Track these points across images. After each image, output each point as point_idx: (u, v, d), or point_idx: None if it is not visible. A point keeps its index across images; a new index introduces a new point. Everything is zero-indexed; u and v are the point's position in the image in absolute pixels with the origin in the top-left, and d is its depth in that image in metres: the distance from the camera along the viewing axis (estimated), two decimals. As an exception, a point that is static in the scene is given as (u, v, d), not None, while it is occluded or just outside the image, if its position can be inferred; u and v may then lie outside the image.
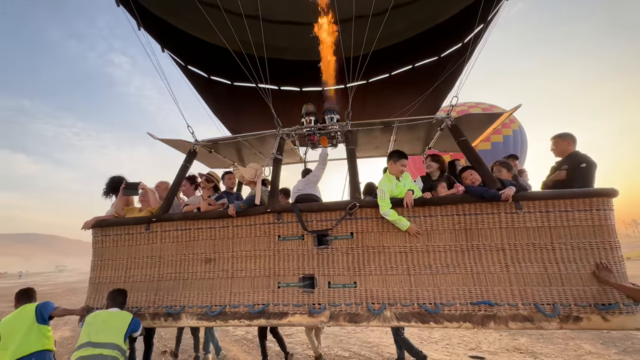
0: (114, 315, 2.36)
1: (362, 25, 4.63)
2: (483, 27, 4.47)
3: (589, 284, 2.27)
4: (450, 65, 4.46)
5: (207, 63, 4.74)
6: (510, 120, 13.74)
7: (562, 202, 2.40)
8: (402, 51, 5.17)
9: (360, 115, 5.33)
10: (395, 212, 2.41)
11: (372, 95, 5.11)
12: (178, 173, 3.12)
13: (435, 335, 4.85)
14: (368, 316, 2.41)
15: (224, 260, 2.76)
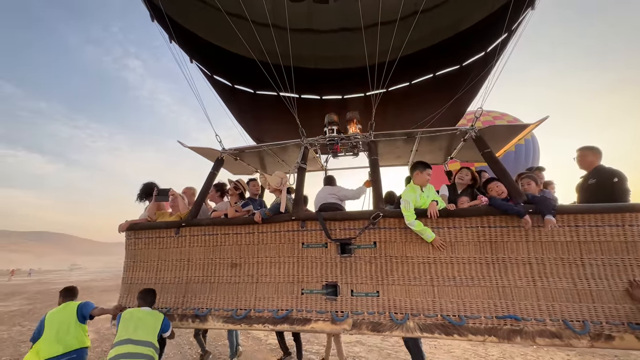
0: (148, 314, 2.52)
1: (385, 32, 4.75)
2: (507, 36, 4.47)
3: (621, 301, 2.23)
4: (474, 75, 4.47)
5: (231, 72, 4.99)
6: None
7: (593, 216, 2.38)
8: (424, 59, 5.25)
9: (381, 124, 5.42)
10: (420, 223, 2.46)
11: (393, 103, 5.19)
12: (206, 180, 3.28)
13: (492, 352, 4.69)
14: (391, 326, 2.45)
15: (250, 265, 2.87)
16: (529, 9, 3.96)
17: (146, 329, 2.38)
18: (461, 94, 5.02)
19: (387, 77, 5.85)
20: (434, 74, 5.51)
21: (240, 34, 4.23)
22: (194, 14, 4.18)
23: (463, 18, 4.23)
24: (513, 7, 3.50)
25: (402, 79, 5.39)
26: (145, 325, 2.40)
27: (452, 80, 5.07)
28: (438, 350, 4.70)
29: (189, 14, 4.24)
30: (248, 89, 5.59)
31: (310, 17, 4.50)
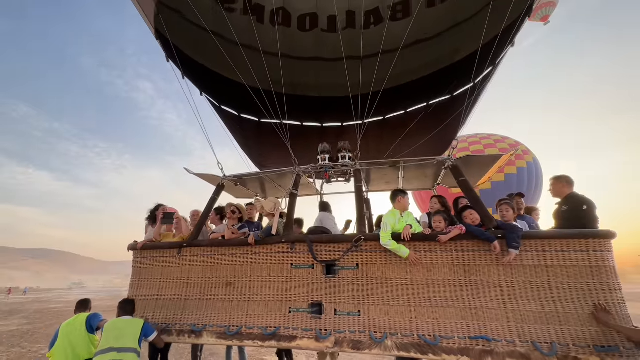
0: (128, 322, 2.78)
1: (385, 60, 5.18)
2: (492, 69, 4.84)
3: (587, 324, 2.37)
4: (461, 104, 4.78)
5: (238, 102, 5.44)
6: (523, 152, 13.56)
7: (559, 241, 2.57)
8: (416, 90, 5.65)
9: (375, 150, 5.80)
10: (395, 242, 2.70)
11: (386, 131, 5.56)
12: (207, 204, 3.64)
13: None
14: (370, 344, 2.63)
15: (243, 284, 3.13)
16: (509, 45, 4.33)
17: (127, 336, 2.62)
18: (450, 121, 5.33)
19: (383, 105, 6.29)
20: (428, 103, 5.88)
21: (250, 64, 4.73)
22: (204, 45, 4.61)
23: (456, 50, 4.60)
24: (498, 44, 3.89)
25: (396, 107, 5.78)
26: (126, 334, 2.64)
27: (443, 109, 5.41)
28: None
29: (199, 45, 4.71)
30: (253, 118, 6.04)
31: (318, 46, 4.97)
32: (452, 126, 5.31)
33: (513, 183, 13.52)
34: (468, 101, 4.92)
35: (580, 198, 2.96)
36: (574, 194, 3.05)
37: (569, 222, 2.89)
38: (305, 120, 6.44)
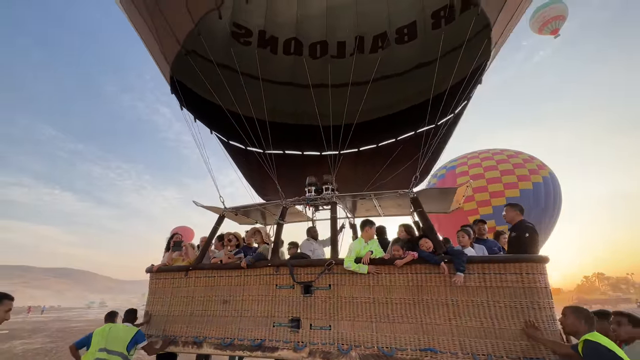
0: (124, 329, 3.42)
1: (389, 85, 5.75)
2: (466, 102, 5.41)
3: (519, 338, 2.77)
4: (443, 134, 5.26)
5: (244, 136, 5.90)
6: (538, 167, 13.45)
7: (497, 265, 3.02)
8: (393, 122, 6.25)
9: (355, 179, 6.37)
10: (354, 264, 3.26)
11: (363, 162, 6.14)
12: (210, 233, 4.36)
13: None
14: (338, 355, 3.14)
15: (236, 302, 3.76)
16: (478, 84, 4.92)
17: (118, 341, 3.25)
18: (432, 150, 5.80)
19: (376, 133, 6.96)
20: (415, 132, 6.45)
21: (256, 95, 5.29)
22: (216, 82, 5.08)
23: (442, 80, 4.97)
24: (468, 82, 4.48)
25: (372, 140, 6.37)
26: (117, 339, 3.27)
27: (418, 141, 5.89)
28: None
29: (211, 83, 5.17)
30: (258, 150, 6.77)
31: (326, 72, 5.45)
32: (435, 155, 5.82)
33: (529, 197, 13.35)
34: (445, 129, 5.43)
35: (524, 226, 3.39)
36: (521, 222, 3.47)
37: (514, 248, 3.32)
38: (306, 150, 7.16)
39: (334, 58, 5.68)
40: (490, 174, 13.13)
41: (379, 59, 5.53)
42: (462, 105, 5.53)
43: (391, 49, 5.50)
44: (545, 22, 20.91)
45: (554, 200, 13.18)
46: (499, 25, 4.47)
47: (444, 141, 5.42)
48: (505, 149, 14.87)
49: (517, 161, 13.66)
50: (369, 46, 5.56)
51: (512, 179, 12.81)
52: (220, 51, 5.07)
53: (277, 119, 6.39)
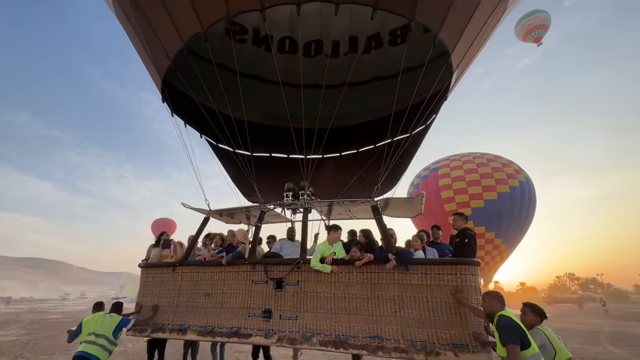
0: (110, 318, 4.05)
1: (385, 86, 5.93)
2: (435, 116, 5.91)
3: (450, 329, 3.37)
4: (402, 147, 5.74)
5: (234, 138, 6.20)
6: (515, 171, 14.25)
7: (436, 267, 3.59)
8: (372, 129, 6.64)
9: (335, 183, 6.85)
10: (320, 264, 3.87)
11: (344, 166, 6.62)
12: (196, 233, 4.87)
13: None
14: (302, 341, 3.70)
15: (217, 294, 4.30)
16: (443, 100, 5.42)
17: (105, 327, 3.88)
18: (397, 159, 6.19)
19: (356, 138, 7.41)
20: (392, 139, 6.92)
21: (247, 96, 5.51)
22: (203, 82, 5.14)
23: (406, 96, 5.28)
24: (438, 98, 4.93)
25: (367, 142, 6.77)
26: (105, 325, 3.90)
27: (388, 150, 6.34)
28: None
29: (196, 85, 5.32)
30: (246, 152, 7.13)
31: (322, 72, 5.53)
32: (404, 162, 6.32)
33: (506, 200, 14.20)
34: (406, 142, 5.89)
35: (466, 233, 3.96)
36: (464, 229, 4.05)
37: (457, 251, 3.89)
38: (291, 153, 7.58)
39: (328, 57, 5.70)
40: (470, 177, 13.99)
41: (373, 60, 5.78)
42: (431, 119, 6.03)
43: (384, 50, 5.66)
44: (529, 30, 21.56)
45: (528, 203, 14.09)
46: (459, 51, 4.94)
47: (411, 152, 5.91)
48: (486, 153, 15.71)
49: (496, 165, 14.57)
50: (362, 46, 5.65)
51: (490, 182, 13.66)
52: (215, 49, 5.10)
53: (263, 120, 6.74)
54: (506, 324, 2.56)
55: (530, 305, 3.19)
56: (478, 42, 5.35)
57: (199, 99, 5.89)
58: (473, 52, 5.44)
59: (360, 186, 6.23)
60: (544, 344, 2.83)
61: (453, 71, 5.20)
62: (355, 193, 6.68)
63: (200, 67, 5.24)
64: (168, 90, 5.66)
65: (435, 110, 5.87)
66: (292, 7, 4.94)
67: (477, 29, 4.94)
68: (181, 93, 5.85)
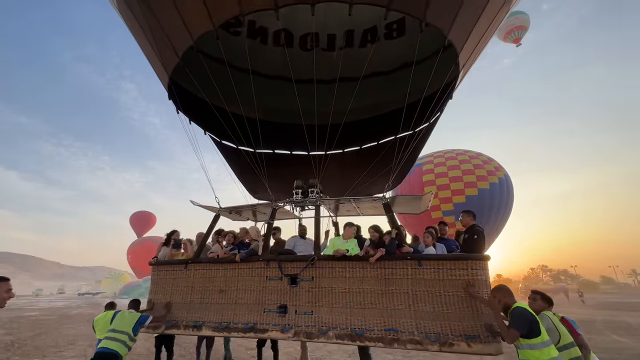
0: (129, 314, 4.13)
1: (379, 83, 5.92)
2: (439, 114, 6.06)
3: (462, 321, 3.55)
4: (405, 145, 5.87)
5: (236, 135, 6.17)
6: (495, 168, 14.90)
7: (448, 262, 3.75)
8: (376, 126, 6.72)
9: (340, 180, 6.94)
10: (331, 250, 4.09)
11: (348, 163, 6.71)
12: (207, 231, 4.91)
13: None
14: (318, 335, 3.83)
15: (232, 291, 4.37)
16: (449, 99, 5.56)
17: (125, 323, 3.96)
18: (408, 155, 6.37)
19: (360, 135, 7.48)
20: (395, 136, 7.03)
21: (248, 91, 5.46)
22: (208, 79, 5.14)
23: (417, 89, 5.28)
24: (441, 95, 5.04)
25: (372, 138, 6.84)
26: (125, 321, 3.99)
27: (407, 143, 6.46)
28: None
29: (203, 81, 5.27)
30: (249, 149, 7.10)
31: (317, 66, 5.48)
32: (408, 162, 6.48)
33: (486, 196, 14.78)
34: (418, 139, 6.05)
35: (475, 229, 4.15)
36: (473, 226, 4.23)
37: (466, 247, 4.07)
38: (295, 149, 7.61)
39: (325, 51, 5.67)
40: (453, 173, 14.72)
41: (370, 54, 5.71)
42: (435, 117, 6.18)
43: (380, 44, 5.58)
44: (510, 30, 22.19)
45: (506, 199, 14.92)
46: (467, 50, 5.10)
47: (418, 148, 6.06)
48: (468, 150, 16.43)
49: (477, 162, 15.42)
50: (358, 40, 5.61)
51: (472, 179, 14.36)
52: (211, 44, 4.94)
53: (268, 117, 6.76)
54: (520, 314, 2.77)
55: (540, 293, 3.48)
56: (483, 41, 5.53)
57: (203, 96, 5.90)
58: (478, 51, 5.61)
59: (368, 183, 6.37)
60: (550, 328, 3.06)
61: (459, 70, 5.36)
62: (362, 190, 6.82)
63: (209, 65, 5.25)
64: (174, 88, 5.65)
65: (441, 109, 6.03)
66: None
67: (484, 28, 5.10)
68: (186, 90, 5.84)
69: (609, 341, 9.50)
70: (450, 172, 15.25)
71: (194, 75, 5.27)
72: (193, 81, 5.41)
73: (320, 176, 5.30)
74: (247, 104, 5.74)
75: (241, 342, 8.32)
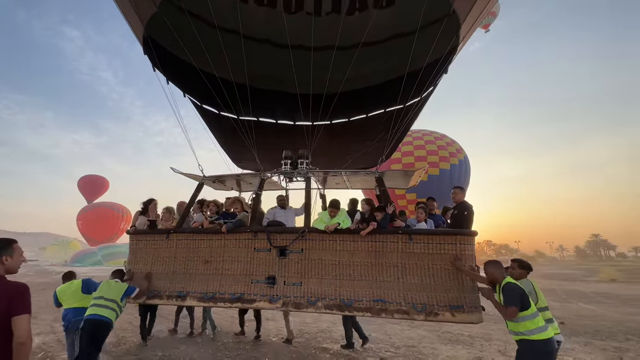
0: (117, 284, 4.07)
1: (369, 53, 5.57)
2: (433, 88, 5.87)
3: (447, 292, 3.65)
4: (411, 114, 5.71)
5: (217, 99, 5.84)
6: (457, 150, 15.67)
7: (438, 237, 3.79)
8: (365, 97, 6.46)
9: (329, 152, 6.75)
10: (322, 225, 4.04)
11: (337, 134, 6.51)
12: (190, 199, 4.68)
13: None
14: (307, 305, 3.85)
15: (217, 262, 4.26)
16: (444, 73, 5.36)
17: (114, 292, 3.92)
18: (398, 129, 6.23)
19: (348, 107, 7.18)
20: (385, 110, 6.81)
21: (233, 54, 5.03)
22: (189, 37, 4.82)
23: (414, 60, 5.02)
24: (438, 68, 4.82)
25: (345, 113, 6.62)
26: (113, 290, 3.93)
27: (397, 116, 6.27)
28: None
29: (184, 39, 4.91)
30: (232, 115, 6.69)
31: (303, 31, 5.16)
32: (400, 136, 6.35)
33: (447, 176, 15.48)
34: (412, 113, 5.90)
35: (465, 206, 4.18)
36: (463, 202, 4.26)
37: (455, 223, 4.12)
38: (280, 118, 7.25)
39: (310, 15, 5.13)
40: (418, 153, 15.42)
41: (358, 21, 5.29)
42: (428, 91, 5.99)
43: (368, 12, 5.07)
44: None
45: (464, 180, 15.99)
46: (468, 22, 4.86)
47: (409, 123, 5.93)
48: (434, 131, 16.98)
49: (442, 143, 16.29)
50: (345, 6, 5.06)
51: (435, 159, 15.26)
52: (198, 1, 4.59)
53: (252, 82, 6.30)
54: (512, 289, 2.85)
55: (517, 261, 3.61)
56: (483, 15, 5.27)
57: (183, 55, 5.36)
58: (477, 25, 5.38)
59: (355, 156, 6.24)
60: (530, 292, 3.23)
61: (459, 42, 5.14)
62: (350, 164, 6.68)
63: (188, 21, 4.70)
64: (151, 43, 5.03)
65: (434, 83, 5.84)
66: None
67: (484, 3, 4.85)
68: (163, 48, 5.26)
69: (580, 309, 10.10)
70: (416, 151, 15.91)
71: (173, 29, 4.70)
72: (172, 37, 4.86)
73: (312, 147, 5.09)
74: (230, 67, 5.26)
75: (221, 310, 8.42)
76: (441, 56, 5.21)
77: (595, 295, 13.89)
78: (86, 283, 4.10)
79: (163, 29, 4.84)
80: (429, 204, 4.83)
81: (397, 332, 6.39)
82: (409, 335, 6.24)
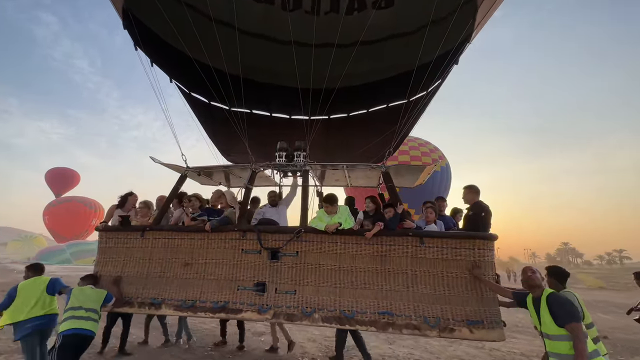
0: (93, 290, 3.54)
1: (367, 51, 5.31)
2: (441, 82, 5.42)
3: (465, 305, 3.17)
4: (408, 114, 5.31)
5: (208, 89, 5.43)
6: (440, 158, 15.67)
7: (453, 241, 3.31)
8: (367, 93, 6.08)
9: (325, 147, 6.27)
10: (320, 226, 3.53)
11: (334, 130, 6.05)
12: (170, 193, 4.12)
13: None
14: (301, 317, 3.32)
15: (199, 264, 3.70)
16: (454, 64, 4.92)
17: (93, 300, 3.45)
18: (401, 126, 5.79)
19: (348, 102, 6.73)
20: (387, 105, 6.37)
21: (227, 47, 4.72)
22: (178, 23, 4.58)
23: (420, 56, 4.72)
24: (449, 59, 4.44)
25: (344, 108, 6.22)
26: (93, 298, 3.46)
27: (387, 115, 5.89)
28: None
29: (173, 23, 4.60)
30: (223, 106, 6.20)
31: (301, 29, 5.02)
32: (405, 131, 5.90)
33: (428, 184, 15.36)
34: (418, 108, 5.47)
35: (482, 206, 3.72)
36: (478, 202, 3.80)
37: (471, 225, 3.65)
38: (275, 111, 6.77)
39: (308, 13, 5.07)
40: (402, 158, 15.28)
41: (356, 21, 5.15)
42: (436, 84, 5.55)
43: (367, 12, 5.01)
44: None
45: (445, 187, 16.03)
46: (485, 6, 4.44)
47: (416, 118, 5.48)
48: (418, 138, 16.88)
49: (425, 150, 16.26)
50: (344, 6, 5.03)
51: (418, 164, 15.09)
52: None
53: (247, 74, 5.87)
54: (566, 301, 2.37)
55: (550, 269, 3.11)
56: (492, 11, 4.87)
57: (165, 38, 4.89)
58: (494, 8, 4.97)
59: (358, 152, 5.75)
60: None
61: (474, 28, 4.72)
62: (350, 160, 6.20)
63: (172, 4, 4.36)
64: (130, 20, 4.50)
65: (443, 75, 5.42)
66: None
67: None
68: (147, 27, 4.74)
69: (607, 321, 9.36)
70: (400, 156, 15.60)
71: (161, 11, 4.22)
72: (159, 18, 4.38)
73: (310, 138, 4.57)
74: (224, 58, 4.87)
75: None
76: (452, 48, 4.81)
77: (606, 305, 13.44)
78: (53, 282, 3.57)
79: (148, 5, 4.35)
80: (439, 204, 4.36)
81: (439, 350, 5.63)
82: (455, 353, 5.49)
